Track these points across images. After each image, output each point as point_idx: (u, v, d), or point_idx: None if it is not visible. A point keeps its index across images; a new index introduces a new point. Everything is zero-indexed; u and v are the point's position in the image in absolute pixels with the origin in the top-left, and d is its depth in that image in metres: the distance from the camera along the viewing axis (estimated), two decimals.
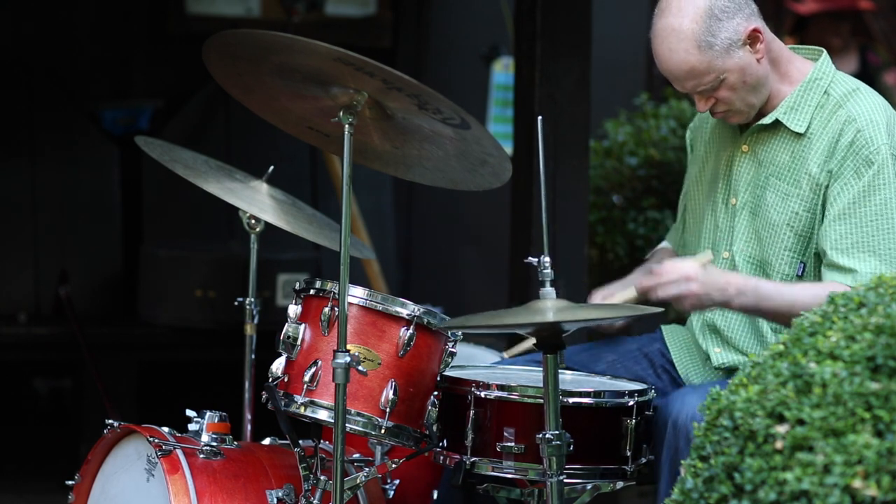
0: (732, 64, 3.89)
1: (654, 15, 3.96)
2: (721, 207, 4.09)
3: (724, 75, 3.89)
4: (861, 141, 3.88)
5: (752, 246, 4.02)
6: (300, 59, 3.69)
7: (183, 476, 3.85)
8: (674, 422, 3.77)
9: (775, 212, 3.97)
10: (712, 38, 3.87)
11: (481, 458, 3.75)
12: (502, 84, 7.58)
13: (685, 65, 3.89)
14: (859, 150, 3.88)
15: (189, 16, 7.56)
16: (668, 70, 3.93)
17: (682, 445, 3.74)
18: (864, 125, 3.89)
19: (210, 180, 4.32)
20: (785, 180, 3.97)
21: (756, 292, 3.87)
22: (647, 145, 6.50)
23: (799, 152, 3.96)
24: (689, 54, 3.88)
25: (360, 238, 6.83)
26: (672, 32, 3.89)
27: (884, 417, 2.75)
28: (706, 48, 3.87)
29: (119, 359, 6.72)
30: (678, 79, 3.93)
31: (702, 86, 3.91)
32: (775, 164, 3.99)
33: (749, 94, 3.94)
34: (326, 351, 3.77)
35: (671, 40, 3.89)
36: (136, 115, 7.55)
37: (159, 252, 6.88)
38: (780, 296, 3.88)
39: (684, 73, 3.91)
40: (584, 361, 4.16)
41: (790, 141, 3.98)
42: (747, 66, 3.91)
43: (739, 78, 3.91)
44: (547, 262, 3.60)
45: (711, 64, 3.88)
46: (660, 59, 3.94)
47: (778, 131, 4.00)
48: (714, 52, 3.87)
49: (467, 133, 3.75)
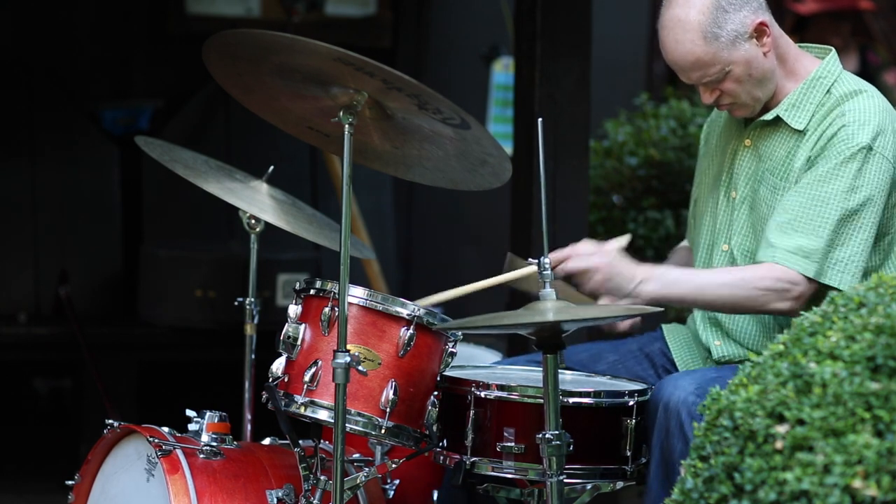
0: (738, 56, 3.90)
1: (661, 5, 3.97)
2: (723, 201, 4.09)
3: (730, 67, 3.90)
4: (843, 135, 3.88)
5: (749, 240, 4.03)
6: (300, 59, 3.69)
7: (183, 476, 3.85)
8: (665, 404, 3.77)
9: (767, 207, 3.97)
10: (718, 29, 3.87)
11: (481, 458, 3.75)
12: (502, 84, 7.58)
13: (691, 55, 3.90)
14: (838, 143, 3.87)
15: (189, 16, 7.56)
16: (673, 61, 3.94)
17: (672, 428, 3.74)
18: (851, 122, 3.88)
19: (210, 180, 4.32)
20: (777, 175, 3.97)
21: (662, 279, 3.87)
22: (647, 145, 6.50)
23: (794, 148, 3.96)
24: (695, 45, 3.88)
25: (360, 238, 6.83)
26: (678, 23, 3.89)
27: (884, 417, 2.75)
28: (712, 39, 3.87)
29: (119, 359, 6.72)
30: (683, 69, 3.94)
31: (707, 77, 3.92)
32: (772, 159, 4.00)
33: (754, 88, 3.94)
34: (326, 351, 3.77)
35: (677, 31, 3.90)
36: (136, 115, 7.55)
37: (159, 252, 6.88)
38: (688, 282, 3.89)
39: (689, 64, 3.91)
40: (585, 361, 4.16)
41: (789, 137, 3.98)
42: (753, 59, 3.92)
43: (745, 70, 3.91)
44: (547, 264, 3.61)
45: (717, 55, 3.88)
46: (666, 49, 3.95)
47: (779, 127, 4.00)
48: (720, 44, 3.88)
49: (467, 133, 3.75)
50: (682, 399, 3.75)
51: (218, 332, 6.70)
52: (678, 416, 3.74)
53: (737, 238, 4.05)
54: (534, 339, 3.57)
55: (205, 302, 6.70)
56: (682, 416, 3.74)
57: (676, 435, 3.74)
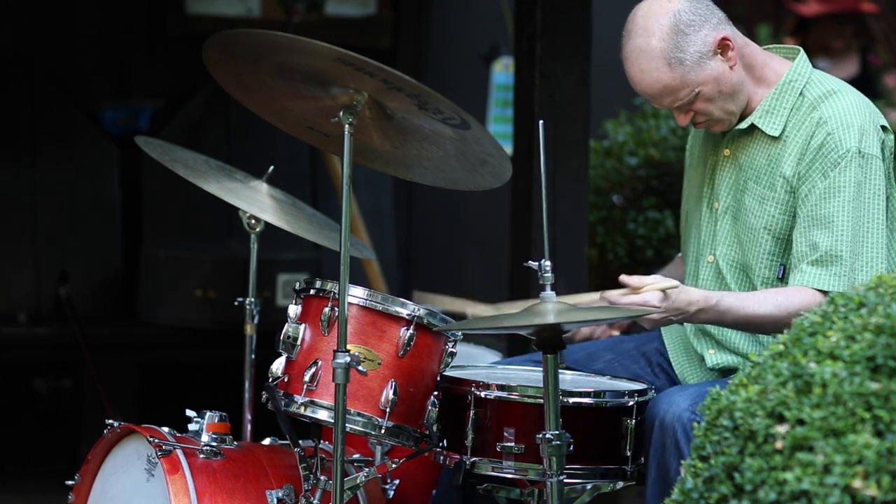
0: (705, 76, 3.89)
1: (621, 38, 3.96)
2: (706, 212, 4.09)
3: (699, 88, 3.89)
4: (830, 143, 3.87)
5: (734, 250, 4.03)
6: (300, 59, 3.69)
7: (183, 476, 3.85)
8: (661, 421, 3.77)
9: (753, 216, 3.97)
10: (682, 53, 3.86)
11: (481, 458, 3.75)
12: (502, 84, 7.58)
13: (658, 83, 3.89)
14: (828, 153, 3.87)
15: (189, 16, 7.56)
16: (642, 91, 3.94)
17: (668, 444, 3.75)
18: (835, 128, 3.87)
19: (210, 180, 4.32)
20: (761, 184, 3.96)
21: (717, 308, 3.85)
22: (647, 145, 6.50)
23: (774, 155, 3.95)
24: (661, 73, 3.88)
25: (360, 238, 6.83)
26: (641, 53, 3.89)
27: (884, 417, 2.75)
28: (677, 64, 3.87)
29: (119, 359, 6.72)
30: (653, 97, 3.94)
31: (678, 101, 3.91)
32: (753, 167, 3.99)
33: (727, 102, 3.93)
34: (326, 351, 3.77)
35: (641, 61, 3.89)
36: (136, 115, 7.55)
37: (159, 252, 6.88)
38: (741, 309, 3.87)
39: (658, 92, 3.91)
40: (582, 360, 4.17)
41: (766, 144, 3.97)
42: (720, 75, 3.90)
43: (714, 88, 3.90)
44: (547, 266, 3.60)
45: (684, 79, 3.88)
46: (633, 80, 3.94)
47: (755, 135, 3.99)
48: (685, 68, 3.87)
49: (467, 133, 3.75)
50: (678, 416, 3.75)
51: (218, 332, 6.70)
52: (674, 433, 3.74)
53: (721, 248, 4.04)
54: (534, 340, 3.57)
55: (205, 302, 6.70)
56: (677, 433, 3.74)
57: (672, 452, 3.75)
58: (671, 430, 3.75)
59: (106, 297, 7.23)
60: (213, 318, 6.70)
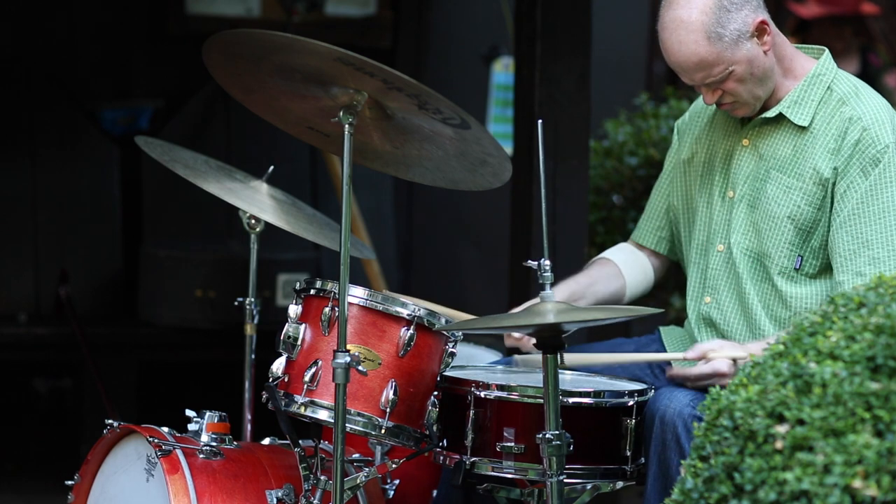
0: (741, 55, 3.90)
1: (661, 7, 3.96)
2: (717, 201, 4.09)
3: (733, 67, 3.90)
4: (867, 139, 3.90)
5: (750, 238, 4.03)
6: (300, 59, 3.69)
7: (183, 476, 3.85)
8: (661, 417, 3.78)
9: (776, 204, 3.97)
10: (722, 29, 3.87)
11: (481, 458, 3.75)
12: (502, 84, 7.58)
13: (695, 56, 3.89)
14: (865, 148, 3.89)
15: (189, 16, 7.56)
16: (676, 62, 3.93)
17: (669, 440, 3.75)
18: (870, 124, 3.91)
19: (210, 180, 4.32)
20: (787, 173, 3.97)
21: None
22: (647, 145, 6.50)
23: (801, 146, 3.97)
24: (699, 46, 3.88)
25: (360, 238, 6.83)
26: (681, 24, 3.89)
27: (884, 417, 2.75)
28: (716, 40, 3.87)
29: (119, 359, 6.71)
30: (687, 71, 3.93)
31: (710, 77, 3.91)
32: (777, 157, 4.00)
33: (756, 86, 3.95)
34: (327, 351, 3.77)
35: (680, 32, 3.89)
36: (136, 115, 7.55)
37: (159, 252, 6.88)
38: None
39: (693, 65, 3.91)
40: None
41: (793, 135, 3.99)
42: (755, 57, 3.92)
43: (747, 70, 3.91)
44: (547, 266, 3.60)
45: (721, 55, 3.88)
46: (668, 51, 3.93)
47: (781, 125, 4.01)
48: (723, 44, 3.87)
49: (467, 133, 3.75)
50: (678, 411, 3.75)
51: (218, 332, 6.70)
52: (674, 428, 3.75)
53: (736, 237, 4.05)
54: (534, 340, 3.57)
55: (205, 302, 6.70)
56: (678, 428, 3.74)
57: (673, 448, 3.75)
58: (672, 425, 3.75)
59: (106, 296, 7.23)
60: (213, 318, 6.69)
